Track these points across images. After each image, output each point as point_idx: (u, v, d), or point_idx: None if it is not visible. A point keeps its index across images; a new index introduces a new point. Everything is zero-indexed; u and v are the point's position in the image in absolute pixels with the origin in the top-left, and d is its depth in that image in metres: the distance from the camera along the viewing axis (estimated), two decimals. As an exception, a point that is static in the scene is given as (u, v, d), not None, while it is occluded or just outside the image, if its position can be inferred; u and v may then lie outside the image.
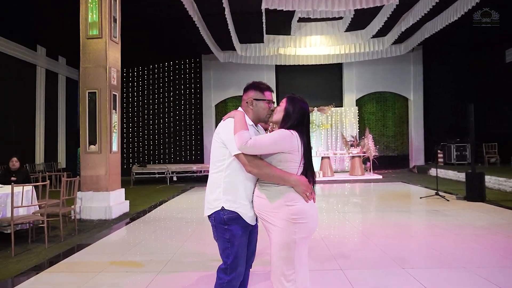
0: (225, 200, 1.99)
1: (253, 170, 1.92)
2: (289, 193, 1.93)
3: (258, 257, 3.76)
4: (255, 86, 2.14)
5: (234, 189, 2.00)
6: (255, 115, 2.13)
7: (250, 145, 1.87)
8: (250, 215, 2.03)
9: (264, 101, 2.12)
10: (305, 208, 1.93)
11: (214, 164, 2.07)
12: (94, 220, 6.05)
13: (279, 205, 1.92)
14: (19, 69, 11.14)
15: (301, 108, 2.05)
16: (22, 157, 10.85)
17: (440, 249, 3.93)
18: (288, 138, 1.94)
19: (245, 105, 2.15)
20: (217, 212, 2.00)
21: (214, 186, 2.04)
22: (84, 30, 6.18)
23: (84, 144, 6.19)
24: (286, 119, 2.03)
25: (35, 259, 3.95)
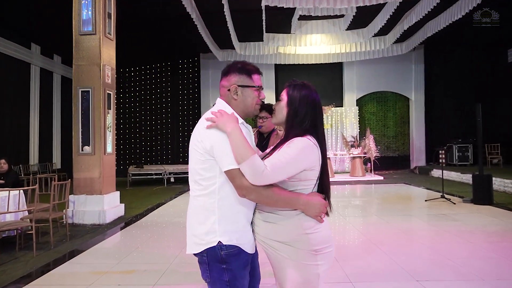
0: (223, 233, 1.47)
1: (249, 195, 1.42)
2: (306, 219, 1.48)
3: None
4: (240, 69, 1.57)
5: (234, 215, 1.50)
6: (241, 108, 1.58)
7: (268, 174, 1.37)
8: (252, 243, 1.56)
9: (252, 88, 1.58)
10: (328, 233, 1.52)
11: (198, 183, 1.51)
12: (87, 224, 5.79)
13: (297, 235, 1.46)
14: (12, 67, 10.84)
15: (309, 98, 1.55)
16: (16, 158, 10.66)
17: (455, 259, 3.70)
18: (309, 150, 1.48)
19: (226, 94, 1.58)
20: (212, 249, 1.47)
21: (204, 215, 1.50)
22: (77, 26, 5.91)
23: (77, 145, 5.92)
24: (293, 118, 1.54)
25: (22, 269, 3.69)
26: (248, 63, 1.62)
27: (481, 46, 13.41)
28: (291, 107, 1.54)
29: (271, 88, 14.61)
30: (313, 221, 1.48)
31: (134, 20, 9.98)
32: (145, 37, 11.85)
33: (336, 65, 14.19)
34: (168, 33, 11.67)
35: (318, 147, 1.51)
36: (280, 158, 1.42)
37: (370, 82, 14.47)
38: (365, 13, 10.07)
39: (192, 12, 8.71)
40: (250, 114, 1.62)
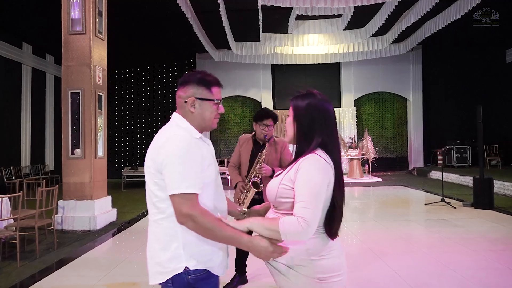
0: (189, 257, 1.34)
1: (186, 223, 1.28)
2: (315, 241, 1.34)
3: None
4: (199, 80, 1.45)
5: (199, 237, 1.33)
6: (199, 121, 1.45)
7: (308, 219, 1.25)
8: (223, 265, 1.45)
9: (211, 102, 1.46)
10: (337, 261, 1.37)
11: (155, 206, 1.38)
12: (77, 231, 5.58)
13: (301, 259, 1.34)
14: (3, 67, 10.60)
15: (314, 106, 1.41)
16: (7, 160, 10.42)
17: (459, 269, 3.54)
18: (320, 167, 1.34)
19: (182, 106, 1.45)
20: (178, 275, 1.33)
21: (166, 240, 1.35)
22: (67, 25, 5.70)
23: (67, 149, 5.72)
24: (301, 132, 1.41)
25: (4, 281, 3.50)
26: (208, 74, 1.50)
27: (480, 47, 13.32)
28: (297, 120, 1.43)
29: (268, 88, 14.45)
30: (321, 245, 1.35)
31: (128, 19, 9.76)
32: (139, 36, 11.65)
33: (334, 65, 14.05)
34: (163, 32, 11.46)
35: (330, 161, 1.37)
36: (305, 196, 1.29)
37: (368, 82, 14.34)
38: (363, 13, 9.93)
39: (187, 11, 8.53)
40: (207, 128, 1.50)
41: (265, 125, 2.97)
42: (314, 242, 1.33)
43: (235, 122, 14.69)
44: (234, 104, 14.79)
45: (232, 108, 14.82)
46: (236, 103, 14.78)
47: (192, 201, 1.29)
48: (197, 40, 10.66)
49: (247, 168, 2.98)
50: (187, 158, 1.31)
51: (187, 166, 1.30)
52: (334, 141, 1.42)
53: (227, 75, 14.28)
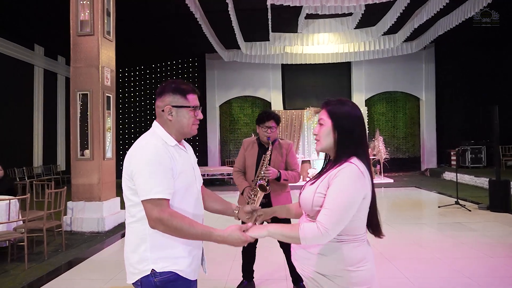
0: (155, 260, 1.39)
1: (157, 227, 1.34)
2: (353, 251, 1.34)
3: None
4: (174, 89, 1.51)
5: (168, 241, 1.40)
6: (177, 129, 1.51)
7: (327, 228, 1.27)
8: (193, 268, 1.48)
9: (187, 108, 1.51)
10: (370, 274, 1.36)
11: (129, 211, 1.46)
12: (85, 232, 5.58)
13: (338, 270, 1.33)
14: (16, 69, 10.75)
15: (354, 115, 1.42)
16: (19, 160, 10.56)
17: (474, 277, 3.40)
18: (359, 179, 1.32)
19: (160, 115, 1.52)
20: (145, 277, 1.40)
21: (136, 243, 1.42)
22: (75, 27, 5.71)
23: (75, 150, 5.73)
24: (342, 143, 1.39)
25: (11, 284, 3.49)
26: (183, 82, 1.55)
27: (494, 45, 12.98)
28: (338, 129, 1.40)
29: (278, 88, 14.35)
30: (359, 256, 1.35)
31: (137, 19, 9.80)
32: (148, 37, 11.67)
33: (344, 64, 13.87)
34: (172, 33, 11.47)
35: (365, 171, 1.36)
36: (333, 205, 1.29)
37: (379, 82, 14.12)
38: (374, 11, 9.77)
39: (196, 11, 8.49)
40: (186, 134, 1.55)
41: (268, 127, 2.90)
42: (352, 252, 1.34)
43: (245, 122, 14.64)
44: (244, 104, 14.73)
45: (241, 108, 14.77)
46: (245, 103, 14.72)
47: (161, 206, 1.33)
48: (206, 40, 10.63)
49: (254, 172, 2.91)
50: (157, 165, 1.37)
51: (156, 173, 1.36)
52: (367, 149, 1.45)
53: (236, 75, 14.25)
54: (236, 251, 3.75)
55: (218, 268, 3.76)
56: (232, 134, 14.80)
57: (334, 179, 1.32)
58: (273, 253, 4.02)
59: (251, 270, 3.20)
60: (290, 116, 14.10)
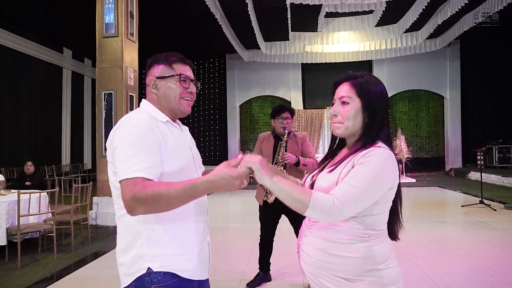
0: (153, 257, 1.16)
1: (136, 210, 1.04)
2: (381, 247, 1.15)
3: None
4: (157, 59, 1.30)
5: (166, 234, 1.18)
6: (164, 103, 1.27)
7: (342, 203, 1.05)
8: (199, 268, 1.25)
9: (173, 77, 1.27)
10: (398, 270, 1.20)
11: (116, 202, 1.22)
12: (110, 226, 5.80)
13: (363, 271, 1.12)
14: (46, 71, 11.26)
15: (384, 94, 1.24)
16: (48, 159, 11.04)
17: (496, 274, 3.33)
18: (392, 164, 1.14)
19: (148, 91, 1.31)
20: (140, 279, 1.16)
21: (129, 238, 1.19)
22: (100, 29, 5.95)
23: (100, 148, 5.96)
24: (371, 124, 1.20)
25: (41, 272, 3.69)
26: (172, 53, 1.32)
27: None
28: (370, 109, 1.20)
29: (298, 88, 14.35)
30: (386, 252, 1.16)
31: (158, 21, 10.04)
32: (170, 38, 11.90)
33: (366, 63, 13.71)
34: (193, 33, 11.68)
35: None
36: (356, 181, 1.08)
37: (402, 80, 13.87)
38: (395, 8, 9.61)
39: (216, 12, 8.64)
40: (175, 110, 1.29)
41: (283, 118, 3.01)
42: (380, 248, 1.15)
43: (265, 122, 14.70)
44: (264, 104, 14.80)
45: (261, 108, 14.85)
46: (265, 103, 14.79)
47: (135, 184, 1.05)
48: (227, 41, 10.78)
49: (271, 162, 2.98)
50: (139, 140, 1.13)
51: (136, 150, 1.11)
52: (390, 132, 1.25)
53: (256, 75, 14.34)
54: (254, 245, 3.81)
55: (236, 261, 3.84)
56: (252, 133, 14.90)
57: (365, 157, 1.13)
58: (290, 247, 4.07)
59: (267, 263, 3.26)
60: (310, 115, 14.08)
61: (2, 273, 3.66)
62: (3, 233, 4.04)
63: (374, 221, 1.15)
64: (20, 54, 10.11)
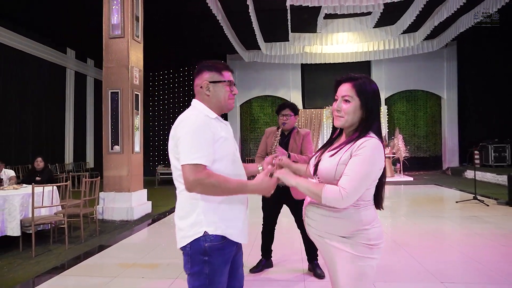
0: (209, 223, 1.49)
1: (194, 189, 1.42)
2: (367, 213, 1.47)
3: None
4: (209, 67, 1.64)
5: (219, 205, 1.51)
6: (215, 103, 1.62)
7: (348, 193, 1.37)
8: (243, 233, 1.58)
9: (223, 83, 1.62)
10: (381, 230, 1.52)
11: (178, 180, 1.55)
12: (116, 221, 6.01)
13: (357, 230, 1.46)
14: (50, 71, 11.44)
15: (378, 93, 1.52)
16: (52, 157, 11.22)
17: (485, 262, 3.54)
18: (380, 151, 1.43)
19: (199, 92, 1.63)
20: (196, 240, 1.48)
21: (189, 208, 1.52)
22: (107, 30, 6.16)
23: (107, 145, 6.17)
24: (367, 119, 1.48)
25: (54, 261, 3.89)
26: (218, 61, 1.68)
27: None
28: (368, 108, 1.48)
29: (298, 88, 14.56)
30: (372, 217, 1.48)
31: (162, 22, 10.23)
32: (172, 38, 12.09)
33: (364, 63, 13.92)
34: (195, 34, 11.86)
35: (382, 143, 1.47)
36: (356, 173, 1.38)
37: (400, 80, 14.10)
38: (393, 10, 9.83)
39: (217, 13, 8.84)
40: (224, 108, 1.65)
41: (284, 115, 3.26)
42: (366, 214, 1.46)
43: (265, 121, 14.91)
44: (264, 103, 15.01)
45: (261, 108, 15.05)
46: (265, 103, 14.99)
47: (198, 169, 1.41)
48: (228, 41, 10.98)
49: None
50: (198, 134, 1.46)
51: (197, 141, 1.45)
52: (380, 124, 1.53)
53: (257, 75, 14.55)
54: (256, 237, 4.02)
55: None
56: (252, 133, 15.10)
57: (358, 150, 1.40)
58: (291, 236, 4.29)
59: (269, 250, 3.46)
60: (310, 115, 14.29)
61: (19, 261, 3.86)
62: (17, 224, 4.24)
63: (364, 194, 1.45)
64: (25, 54, 10.31)
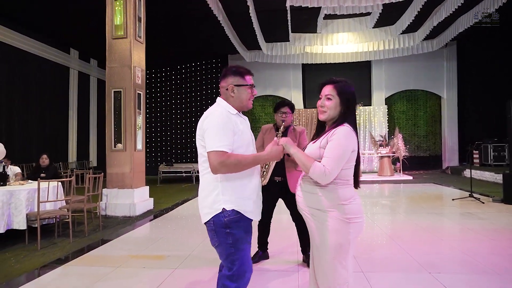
0: (225, 201, 1.81)
1: (219, 171, 1.76)
2: (344, 191, 1.76)
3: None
4: (234, 71, 1.94)
5: (235, 187, 1.83)
6: (238, 103, 1.93)
7: (329, 172, 1.69)
8: (256, 211, 1.91)
9: (245, 86, 1.93)
10: (358, 207, 1.78)
11: (202, 165, 1.89)
12: (118, 216, 6.16)
13: (334, 204, 1.74)
14: (54, 71, 11.62)
15: (354, 94, 1.85)
16: (56, 156, 11.40)
17: (473, 254, 3.66)
18: (351, 136, 1.76)
19: (224, 93, 1.94)
20: (217, 216, 1.81)
21: (210, 189, 1.85)
22: (110, 31, 6.32)
23: (110, 142, 6.33)
24: (345, 114, 1.82)
25: (59, 253, 4.05)
26: (241, 66, 1.97)
27: (518, 41, 12.79)
28: (346, 104, 1.81)
29: (298, 88, 14.69)
30: (349, 194, 1.77)
31: (163, 23, 10.38)
32: (173, 38, 12.24)
33: (364, 63, 14.03)
34: (197, 35, 12.01)
35: (355, 132, 1.80)
36: (332, 154, 1.71)
37: (400, 80, 14.20)
38: (392, 10, 9.94)
39: (218, 14, 8.99)
40: (244, 107, 1.96)
41: (283, 113, 3.38)
42: (344, 191, 1.75)
43: (266, 121, 15.04)
44: (265, 103, 15.14)
45: (262, 107, 15.19)
46: (266, 103, 15.13)
47: (221, 154, 1.73)
48: (229, 42, 11.13)
49: None
50: (222, 126, 1.78)
51: (221, 132, 1.76)
52: (355, 117, 1.89)
53: (258, 75, 14.66)
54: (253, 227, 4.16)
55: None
56: (254, 132, 14.98)
57: (332, 136, 1.75)
58: (287, 232, 4.42)
59: (265, 242, 3.60)
60: (311, 114, 14.41)
61: (25, 253, 4.02)
62: (23, 218, 4.40)
63: (341, 174, 1.77)
64: (29, 55, 10.49)
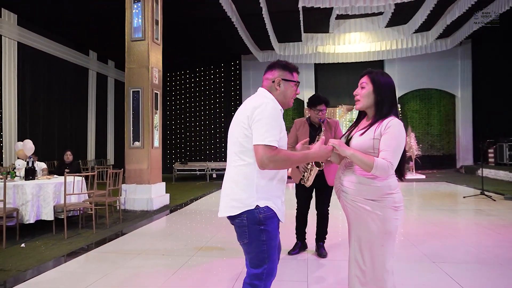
0: (259, 198, 1.72)
1: (267, 166, 1.64)
2: (394, 181, 1.82)
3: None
4: (283, 65, 1.84)
5: (269, 185, 1.74)
6: (281, 98, 1.82)
7: (391, 166, 1.71)
8: (282, 212, 1.82)
9: (292, 82, 1.84)
10: (401, 195, 1.85)
11: (238, 156, 1.75)
12: (137, 210, 6.45)
13: (386, 194, 1.78)
14: (74, 72, 12.07)
15: (392, 83, 1.86)
16: (75, 153, 11.80)
17: (478, 246, 3.78)
18: (403, 128, 1.79)
19: (269, 85, 1.83)
20: (251, 212, 1.71)
21: (244, 183, 1.73)
22: (129, 34, 6.61)
23: (129, 140, 6.62)
24: (381, 102, 1.81)
25: (83, 242, 4.34)
26: (289, 62, 1.91)
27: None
28: (378, 92, 1.82)
29: (311, 87, 14.80)
30: (395, 184, 1.81)
31: (179, 25, 10.67)
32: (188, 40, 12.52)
33: (377, 63, 14.04)
34: (211, 36, 12.27)
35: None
36: (391, 147, 1.72)
37: (413, 79, 14.16)
38: (404, 9, 9.97)
39: (232, 15, 9.21)
40: (285, 105, 1.86)
41: (319, 110, 3.28)
42: (393, 181, 1.80)
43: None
44: (278, 103, 15.31)
45: (275, 106, 15.36)
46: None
47: (271, 149, 1.63)
48: (242, 42, 11.35)
49: None
50: (274, 120, 1.68)
51: (273, 126, 1.66)
52: (397, 109, 1.90)
53: (270, 75, 14.85)
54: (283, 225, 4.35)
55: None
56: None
57: (386, 129, 1.75)
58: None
59: (303, 233, 3.72)
60: (323, 113, 14.50)
61: (53, 242, 4.32)
62: (50, 210, 4.71)
63: None
64: (51, 57, 10.94)
